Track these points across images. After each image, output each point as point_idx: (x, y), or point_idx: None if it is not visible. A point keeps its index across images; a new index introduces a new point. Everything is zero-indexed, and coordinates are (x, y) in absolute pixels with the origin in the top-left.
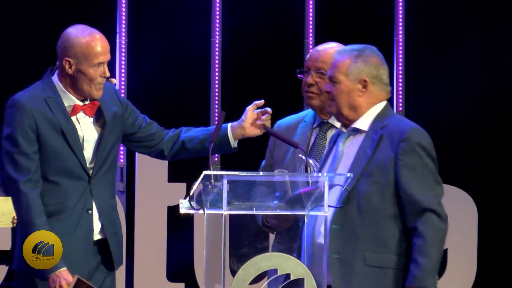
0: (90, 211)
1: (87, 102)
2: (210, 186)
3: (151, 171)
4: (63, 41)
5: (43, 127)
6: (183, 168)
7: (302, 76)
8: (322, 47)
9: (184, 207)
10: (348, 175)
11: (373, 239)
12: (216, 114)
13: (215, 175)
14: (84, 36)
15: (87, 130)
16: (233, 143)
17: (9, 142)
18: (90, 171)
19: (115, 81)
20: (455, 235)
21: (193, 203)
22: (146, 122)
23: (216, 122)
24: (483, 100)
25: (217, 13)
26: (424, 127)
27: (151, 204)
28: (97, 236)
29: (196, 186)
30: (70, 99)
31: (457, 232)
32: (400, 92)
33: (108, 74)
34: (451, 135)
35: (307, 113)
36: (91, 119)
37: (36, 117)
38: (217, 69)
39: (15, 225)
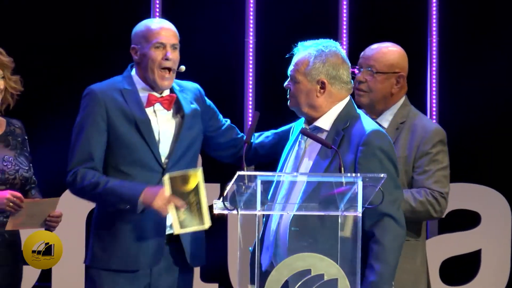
0: None
1: (164, 95)
2: (244, 187)
3: None
4: (132, 33)
5: (115, 118)
6: (217, 169)
7: (355, 73)
8: (376, 45)
9: (218, 207)
10: (382, 175)
11: (332, 243)
12: (250, 115)
13: (249, 176)
14: (146, 22)
15: (163, 123)
16: None
17: (77, 128)
18: (165, 165)
19: (184, 68)
20: (489, 236)
21: (227, 204)
22: (227, 126)
23: (250, 123)
24: None
25: (251, 14)
26: (457, 127)
27: None
28: (170, 230)
29: (230, 186)
30: (145, 91)
31: (490, 232)
32: (434, 93)
33: (171, 56)
34: (484, 135)
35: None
36: (170, 113)
37: (109, 107)
38: (250, 70)
39: (44, 227)
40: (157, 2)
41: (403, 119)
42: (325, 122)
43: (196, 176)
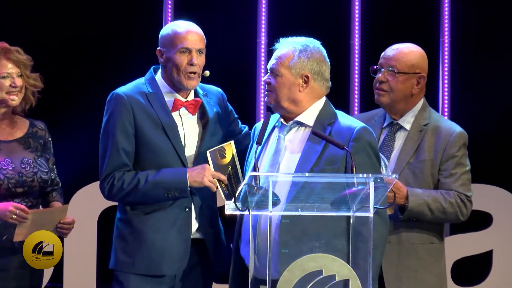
0: (187, 209)
1: (189, 99)
2: (255, 187)
3: None
4: (159, 35)
5: (143, 122)
6: None
7: (375, 73)
8: (397, 46)
9: (230, 208)
10: (394, 176)
11: (321, 235)
12: (262, 115)
13: (261, 177)
14: (173, 25)
15: (189, 128)
16: None
17: (106, 135)
18: None
19: (208, 73)
20: (500, 237)
21: (239, 204)
22: (246, 132)
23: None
24: None
25: (263, 15)
26: (468, 128)
27: None
28: (195, 234)
29: (241, 187)
30: (171, 95)
31: (502, 233)
32: (446, 94)
33: (196, 62)
34: (496, 136)
35: (378, 112)
36: (195, 117)
37: (136, 111)
38: (262, 70)
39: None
40: (169, 4)
41: (425, 121)
42: (308, 118)
43: (230, 149)
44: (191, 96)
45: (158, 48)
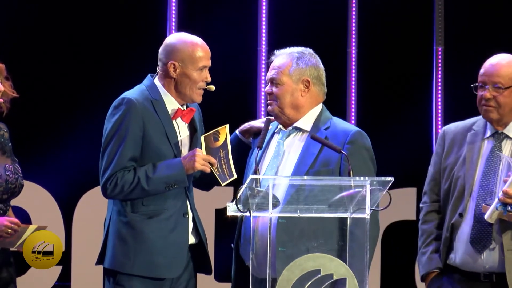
0: (186, 215)
1: (185, 108)
2: (256, 190)
3: None
4: (168, 46)
5: (150, 128)
6: None
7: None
8: (496, 60)
9: (231, 210)
10: (389, 179)
11: (317, 234)
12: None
13: (261, 179)
14: (189, 41)
15: (183, 135)
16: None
17: (116, 137)
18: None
19: (213, 88)
20: None
21: (240, 206)
22: None
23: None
24: None
25: (263, 23)
26: None
27: (199, 207)
28: (191, 239)
29: (243, 189)
30: (173, 103)
31: None
32: (440, 101)
33: (209, 79)
34: None
35: (476, 121)
36: (186, 125)
37: (145, 117)
38: (263, 78)
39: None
40: (173, 14)
41: None
42: (306, 123)
43: (224, 132)
44: (185, 106)
45: (172, 61)
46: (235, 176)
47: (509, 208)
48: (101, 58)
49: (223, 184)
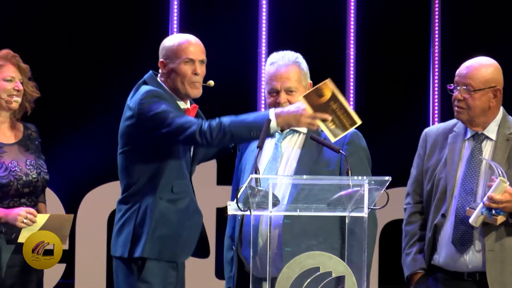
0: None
1: (189, 105)
2: (256, 189)
3: (200, 175)
4: (160, 46)
5: None
6: (232, 172)
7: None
8: (470, 63)
9: (232, 208)
10: (387, 178)
11: (319, 234)
12: None
13: (262, 179)
14: (177, 38)
15: None
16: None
17: (159, 104)
18: (192, 172)
19: (213, 83)
20: None
21: (240, 205)
22: None
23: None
24: None
25: (263, 24)
26: None
27: (200, 205)
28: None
29: (243, 188)
30: (179, 102)
31: None
32: (436, 102)
33: (199, 71)
34: None
35: (457, 122)
36: None
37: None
38: (263, 79)
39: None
40: (175, 14)
41: (510, 130)
42: None
43: (327, 85)
44: (189, 103)
45: (161, 60)
46: (359, 122)
47: (494, 212)
48: (102, 58)
49: (334, 140)
